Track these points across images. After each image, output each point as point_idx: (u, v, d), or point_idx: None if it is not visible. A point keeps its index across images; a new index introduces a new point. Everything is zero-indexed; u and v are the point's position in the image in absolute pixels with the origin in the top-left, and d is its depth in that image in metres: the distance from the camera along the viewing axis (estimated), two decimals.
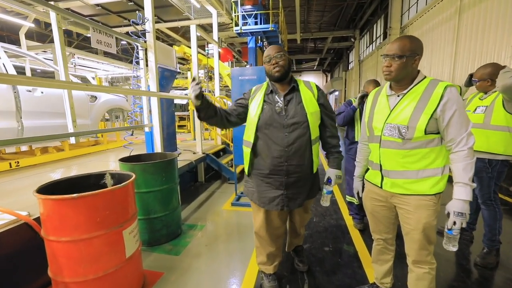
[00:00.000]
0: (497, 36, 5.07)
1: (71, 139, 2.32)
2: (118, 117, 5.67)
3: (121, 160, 2.41)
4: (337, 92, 21.07)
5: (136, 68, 3.09)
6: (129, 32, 3.13)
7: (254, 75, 3.41)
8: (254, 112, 1.59)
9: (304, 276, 1.99)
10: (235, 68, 3.85)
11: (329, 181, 1.69)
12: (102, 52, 12.61)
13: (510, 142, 1.94)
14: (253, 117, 1.59)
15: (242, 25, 8.23)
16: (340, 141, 1.77)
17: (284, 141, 1.52)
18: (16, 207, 1.83)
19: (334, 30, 15.58)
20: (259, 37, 9.37)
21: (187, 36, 12.44)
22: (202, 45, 10.42)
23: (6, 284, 1.54)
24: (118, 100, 5.20)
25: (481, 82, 2.06)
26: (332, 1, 12.11)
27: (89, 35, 2.52)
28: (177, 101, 12.07)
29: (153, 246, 2.45)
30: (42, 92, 3.47)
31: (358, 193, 1.69)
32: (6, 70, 3.15)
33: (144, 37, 2.99)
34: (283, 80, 1.59)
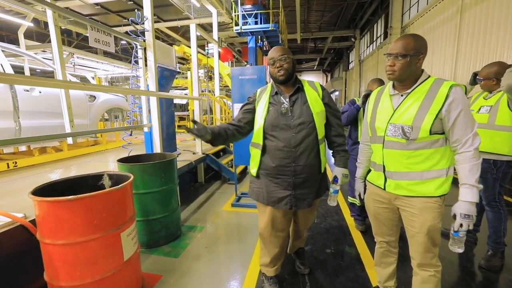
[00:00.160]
0: (499, 36, 5.04)
1: (69, 140, 2.28)
2: (118, 117, 5.64)
3: (120, 161, 2.38)
4: (337, 92, 21.05)
5: (135, 68, 3.06)
6: (128, 31, 3.10)
7: (254, 75, 3.38)
8: (261, 114, 1.59)
9: (306, 279, 1.96)
10: (235, 68, 3.82)
11: (336, 180, 1.67)
12: (102, 52, 12.59)
13: None
14: (260, 119, 1.59)
15: (242, 25, 8.21)
16: None
17: (291, 142, 1.52)
18: (13, 209, 1.81)
19: (334, 30, 15.57)
20: (259, 37, 9.37)
21: (187, 36, 12.41)
22: (202, 45, 10.40)
23: None
24: (117, 100, 5.17)
25: (486, 81, 2.03)
26: (333, 1, 12.10)
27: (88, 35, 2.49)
28: (177, 101, 12.06)
29: (152, 248, 2.41)
30: (40, 92, 3.44)
31: (360, 195, 1.66)
32: (3, 69, 3.12)
33: (143, 36, 2.96)
34: (288, 82, 1.58)
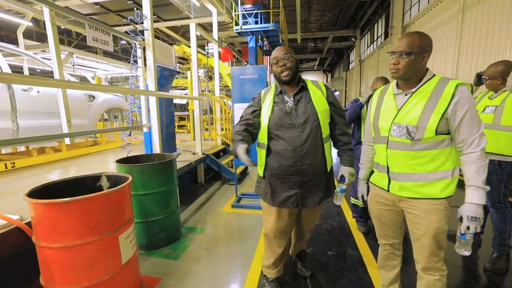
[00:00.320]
0: (502, 35, 5.00)
1: (66, 140, 2.25)
2: (117, 117, 5.61)
3: (118, 162, 2.35)
4: (338, 92, 21.03)
5: (135, 67, 3.02)
6: (127, 30, 3.07)
7: (255, 74, 3.36)
8: (265, 114, 1.58)
9: (307, 282, 1.93)
10: (236, 67, 3.79)
11: (342, 179, 1.65)
12: (102, 52, 12.56)
13: None
14: (265, 119, 1.58)
15: (243, 24, 8.18)
16: None
17: (297, 141, 1.50)
18: (10, 210, 1.77)
19: (335, 30, 15.54)
20: (260, 37, 9.34)
21: (187, 36, 12.38)
22: (202, 45, 10.35)
23: None
24: (117, 100, 5.14)
25: (492, 80, 1.99)
26: (333, 1, 12.07)
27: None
28: (177, 101, 12.02)
29: (151, 250, 2.38)
30: (39, 92, 3.40)
31: (363, 197, 1.63)
32: (1, 69, 3.09)
33: (142, 35, 2.92)
34: (292, 82, 1.57)
